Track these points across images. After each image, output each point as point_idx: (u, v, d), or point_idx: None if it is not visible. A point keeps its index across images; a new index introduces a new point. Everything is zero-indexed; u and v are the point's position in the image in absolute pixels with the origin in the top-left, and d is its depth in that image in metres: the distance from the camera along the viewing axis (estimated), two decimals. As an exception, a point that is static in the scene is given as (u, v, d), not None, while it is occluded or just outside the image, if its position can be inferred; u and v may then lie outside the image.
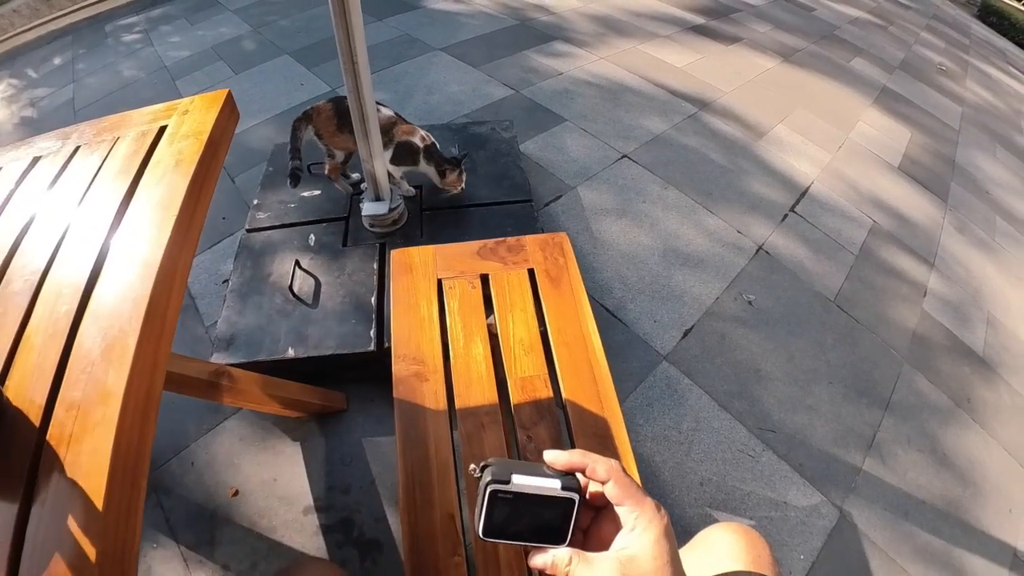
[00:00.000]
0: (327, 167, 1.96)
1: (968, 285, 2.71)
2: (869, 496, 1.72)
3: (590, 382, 1.03)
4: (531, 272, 1.23)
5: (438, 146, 1.93)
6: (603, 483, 0.48)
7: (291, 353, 1.58)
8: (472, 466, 0.51)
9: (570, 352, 1.07)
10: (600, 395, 1.01)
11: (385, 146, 1.85)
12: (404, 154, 1.88)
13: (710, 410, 1.81)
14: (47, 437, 0.65)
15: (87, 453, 0.63)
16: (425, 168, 1.92)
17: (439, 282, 1.20)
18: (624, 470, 0.49)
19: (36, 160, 1.09)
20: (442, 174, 1.93)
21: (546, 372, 1.05)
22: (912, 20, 7.30)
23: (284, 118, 3.00)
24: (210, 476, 1.58)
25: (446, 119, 2.96)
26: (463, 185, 2.00)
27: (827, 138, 3.45)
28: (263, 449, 1.63)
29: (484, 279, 1.22)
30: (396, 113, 1.87)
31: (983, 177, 3.82)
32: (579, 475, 0.49)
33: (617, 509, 0.47)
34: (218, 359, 1.57)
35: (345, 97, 1.81)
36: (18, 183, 1.04)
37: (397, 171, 1.93)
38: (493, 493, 0.47)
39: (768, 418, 1.82)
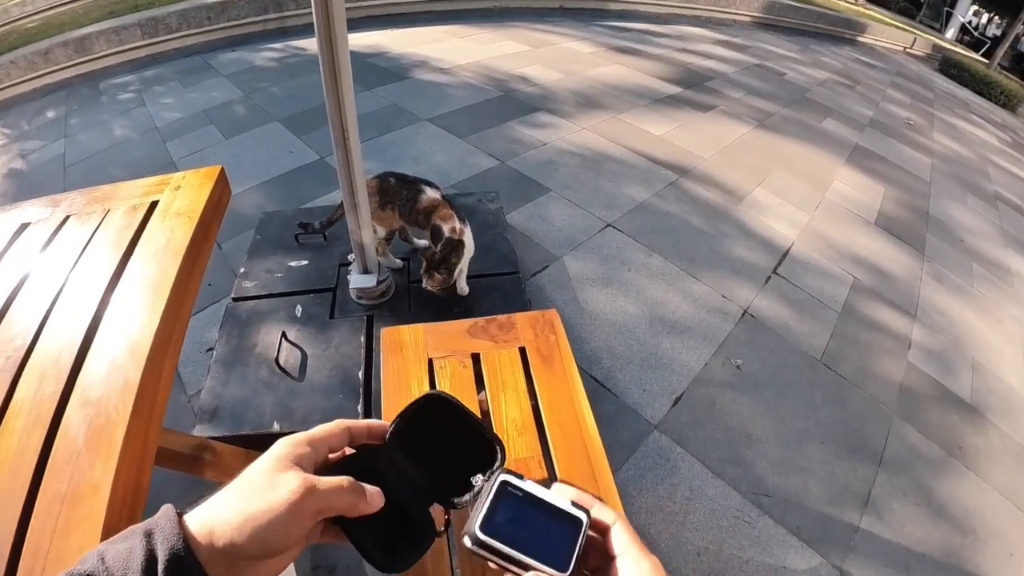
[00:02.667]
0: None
1: (950, 333, 2.77)
2: (868, 554, 1.72)
3: (584, 461, 1.02)
4: (522, 350, 1.23)
5: (463, 248, 1.80)
6: (607, 528, 0.45)
7: (276, 427, 1.55)
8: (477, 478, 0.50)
9: (563, 432, 1.07)
10: (595, 474, 1.00)
11: (424, 226, 1.85)
12: (436, 235, 1.81)
13: (703, 478, 1.81)
14: (28, 530, 0.63)
15: (73, 549, 0.61)
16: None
17: (430, 361, 1.19)
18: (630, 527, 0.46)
19: (24, 227, 1.08)
20: (428, 264, 1.81)
21: (540, 453, 1.04)
22: (878, 79, 7.62)
23: (272, 185, 3.04)
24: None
25: (433, 190, 3.02)
26: (431, 289, 1.84)
27: (804, 199, 3.56)
28: None
29: (475, 358, 1.21)
30: (443, 197, 1.85)
31: (956, 226, 3.95)
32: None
33: (618, 561, 0.43)
34: (201, 431, 1.54)
35: (389, 175, 1.83)
36: (4, 250, 1.03)
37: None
38: (504, 484, 0.44)
39: (762, 482, 1.83)
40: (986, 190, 5.01)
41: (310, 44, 5.20)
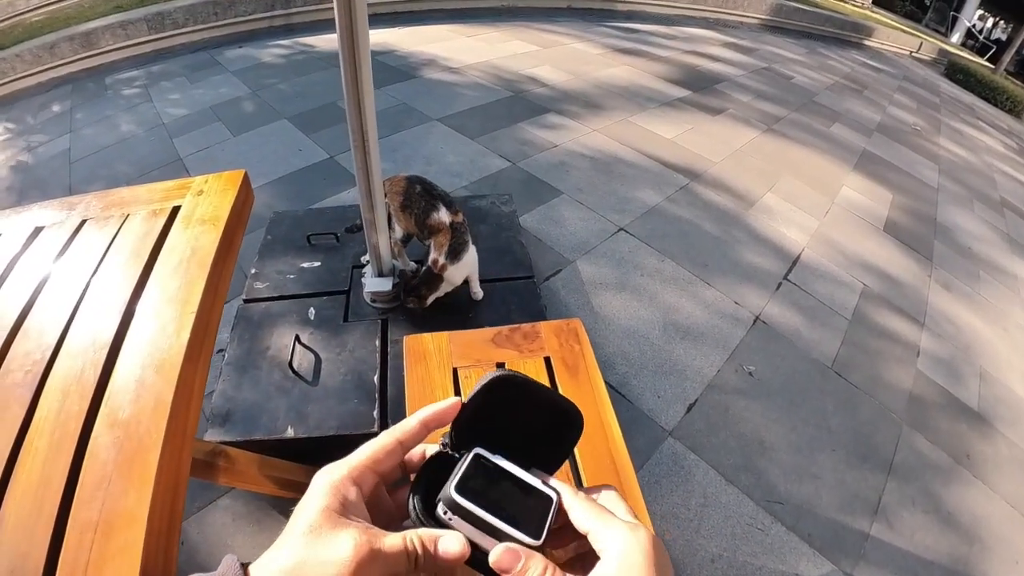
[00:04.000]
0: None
1: (958, 341, 2.77)
2: (878, 561, 1.73)
3: (611, 472, 1.01)
4: (547, 360, 1.21)
5: (439, 283, 1.79)
6: (568, 508, 0.42)
7: (291, 433, 1.52)
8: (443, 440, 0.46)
9: (590, 443, 1.06)
10: (622, 484, 0.99)
11: (426, 238, 1.83)
12: (428, 255, 1.82)
13: (717, 485, 1.82)
14: (60, 561, 0.59)
15: None
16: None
17: (455, 371, 1.17)
18: (591, 499, 0.43)
19: (38, 230, 1.04)
20: (405, 286, 1.83)
21: (567, 464, 1.03)
22: (885, 83, 7.62)
23: (282, 184, 3.02)
24: (202, 557, 1.51)
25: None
26: (407, 303, 1.85)
27: (814, 204, 3.56)
28: (259, 530, 1.57)
29: (500, 368, 1.21)
30: (452, 223, 1.77)
31: (964, 233, 3.96)
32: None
33: (590, 539, 0.40)
34: (213, 435, 1.51)
35: (418, 181, 1.80)
36: (19, 255, 0.98)
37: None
38: (477, 457, 0.43)
39: (775, 490, 1.84)
40: (992, 197, 5.01)
41: (317, 41, 5.20)
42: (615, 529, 0.39)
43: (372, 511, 0.41)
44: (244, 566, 0.36)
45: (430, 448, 0.47)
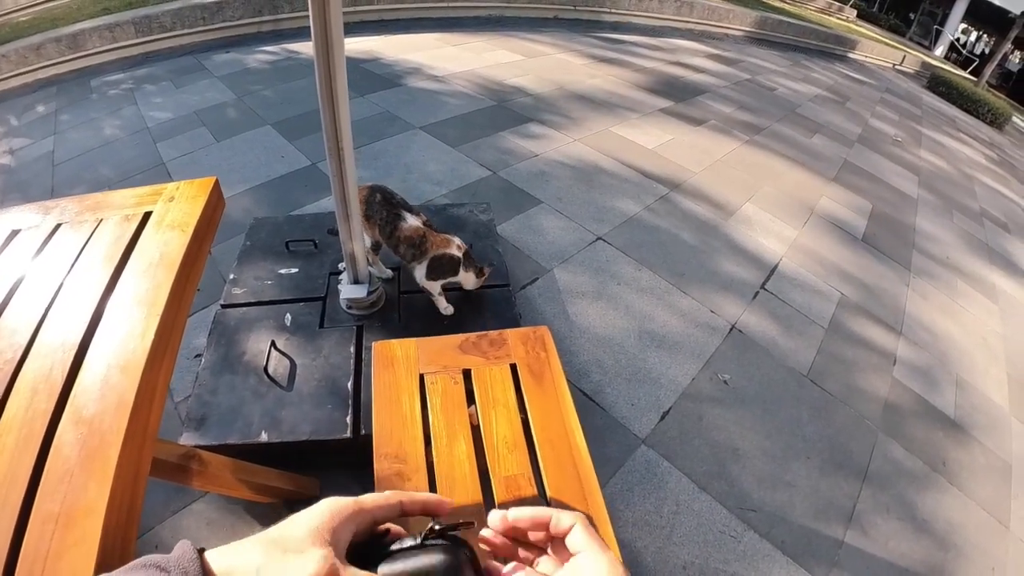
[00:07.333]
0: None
1: (935, 349, 2.80)
2: (852, 569, 1.73)
3: (574, 479, 1.02)
4: (513, 367, 1.22)
5: (471, 257, 1.86)
6: (566, 533, 0.48)
7: (264, 437, 1.53)
8: None
9: (554, 449, 1.06)
10: (585, 492, 1.00)
11: (417, 259, 1.80)
12: (444, 267, 1.81)
13: (690, 492, 1.82)
14: (21, 552, 0.61)
15: (65, 573, 0.59)
16: (464, 276, 1.85)
17: (421, 377, 1.19)
18: (590, 522, 0.49)
19: (15, 233, 1.06)
20: (479, 274, 1.87)
21: (530, 470, 1.03)
22: (867, 95, 7.72)
23: (263, 190, 3.01)
24: (174, 560, 1.50)
25: (424, 199, 3.01)
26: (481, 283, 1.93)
27: (793, 214, 3.59)
28: (233, 535, 1.51)
29: (467, 374, 1.20)
30: (425, 223, 1.82)
31: (942, 243, 4.00)
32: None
33: (578, 558, 0.47)
34: (187, 439, 1.52)
35: (379, 190, 1.81)
36: None
37: (435, 286, 1.85)
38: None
39: (748, 497, 1.84)
40: (972, 207, 5.08)
41: (304, 47, 5.20)
42: (607, 552, 0.46)
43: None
44: (200, 551, 0.39)
45: None
